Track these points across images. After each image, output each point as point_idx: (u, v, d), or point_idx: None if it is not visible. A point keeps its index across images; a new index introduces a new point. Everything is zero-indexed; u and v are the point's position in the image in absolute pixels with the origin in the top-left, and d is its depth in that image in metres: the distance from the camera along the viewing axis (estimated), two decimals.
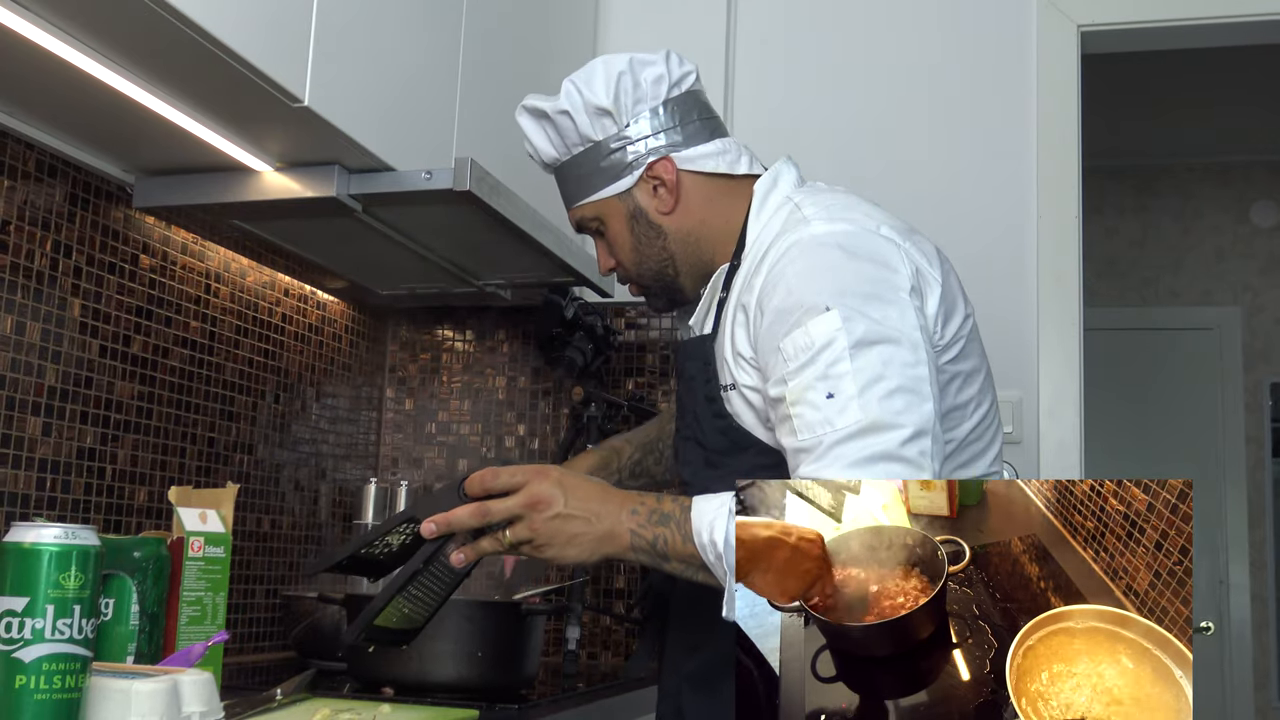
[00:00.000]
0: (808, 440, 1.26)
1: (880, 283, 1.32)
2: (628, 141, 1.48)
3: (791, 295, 1.32)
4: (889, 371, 1.25)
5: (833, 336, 1.26)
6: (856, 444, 1.23)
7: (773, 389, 1.32)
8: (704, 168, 1.50)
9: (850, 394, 1.24)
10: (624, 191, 1.50)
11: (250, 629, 2.26)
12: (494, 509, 1.29)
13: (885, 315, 1.29)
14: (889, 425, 1.23)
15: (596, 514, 1.30)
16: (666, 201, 1.49)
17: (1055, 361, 2.49)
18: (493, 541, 1.31)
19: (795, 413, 1.27)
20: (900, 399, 1.25)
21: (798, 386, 1.27)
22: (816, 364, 1.26)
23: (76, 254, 1.83)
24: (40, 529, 1.06)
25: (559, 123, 1.51)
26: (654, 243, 1.51)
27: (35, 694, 1.02)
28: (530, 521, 1.29)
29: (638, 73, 1.48)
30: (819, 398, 1.25)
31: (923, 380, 1.27)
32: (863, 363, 1.25)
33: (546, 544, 1.30)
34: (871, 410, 1.23)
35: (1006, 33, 2.63)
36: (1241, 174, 4.98)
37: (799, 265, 1.34)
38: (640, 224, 1.51)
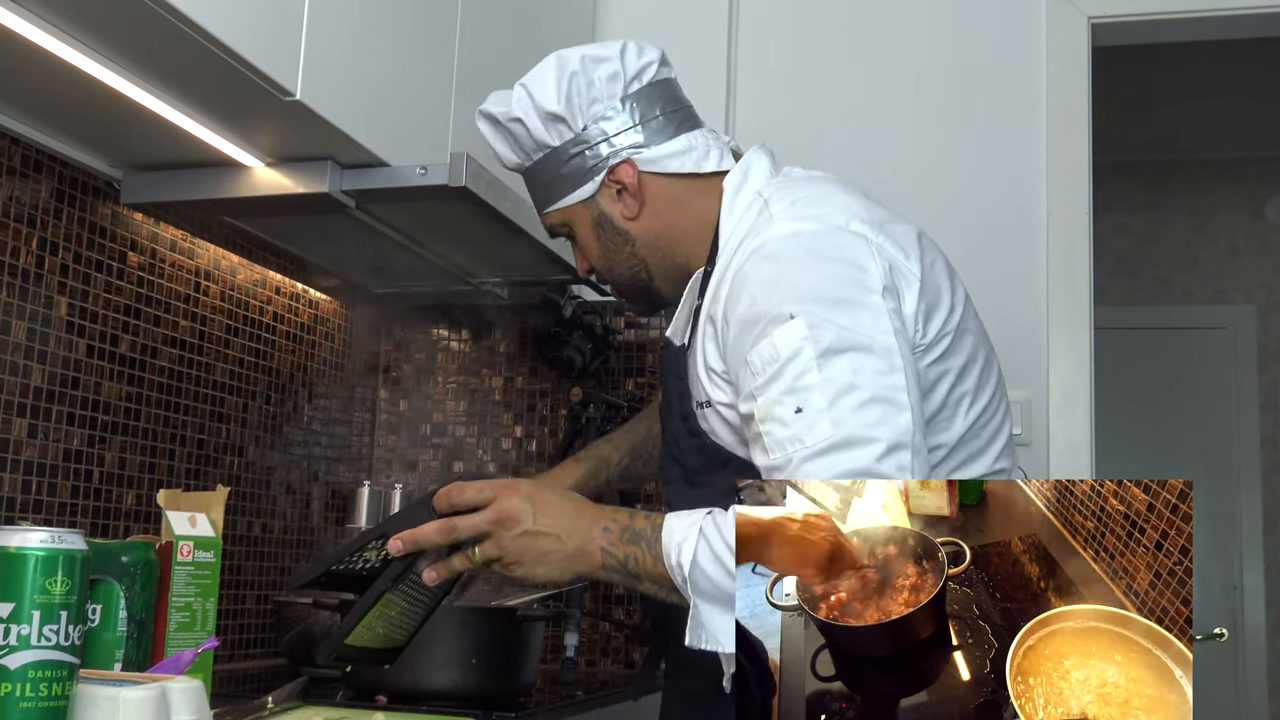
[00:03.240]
0: (778, 459, 1.21)
1: (849, 285, 1.26)
2: (586, 145, 1.43)
3: (755, 304, 1.27)
4: (860, 381, 1.20)
5: (799, 346, 1.21)
6: (827, 460, 1.18)
7: (743, 405, 1.28)
8: (669, 168, 1.44)
9: (820, 407, 1.19)
10: (587, 198, 1.46)
11: (241, 635, 2.27)
12: (460, 525, 1.28)
13: (855, 321, 1.23)
14: (862, 440, 1.18)
15: (567, 531, 1.27)
16: (631, 207, 1.44)
17: (1065, 361, 2.49)
18: (463, 559, 1.29)
19: (764, 430, 1.23)
20: (874, 410, 1.19)
21: (765, 402, 1.23)
22: (783, 377, 1.22)
23: (63, 251, 1.84)
24: (26, 533, 1.06)
25: (513, 129, 1.46)
26: (622, 249, 1.47)
27: (21, 702, 1.03)
28: (498, 539, 1.27)
29: (590, 71, 1.42)
30: (787, 413, 1.20)
31: (898, 389, 1.21)
32: (831, 373, 1.20)
33: (515, 562, 1.28)
34: (844, 425, 1.18)
35: (1015, 25, 2.63)
36: (1255, 170, 4.98)
37: (762, 270, 1.29)
38: (606, 230, 1.47)
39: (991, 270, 2.54)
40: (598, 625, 2.58)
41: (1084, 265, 2.51)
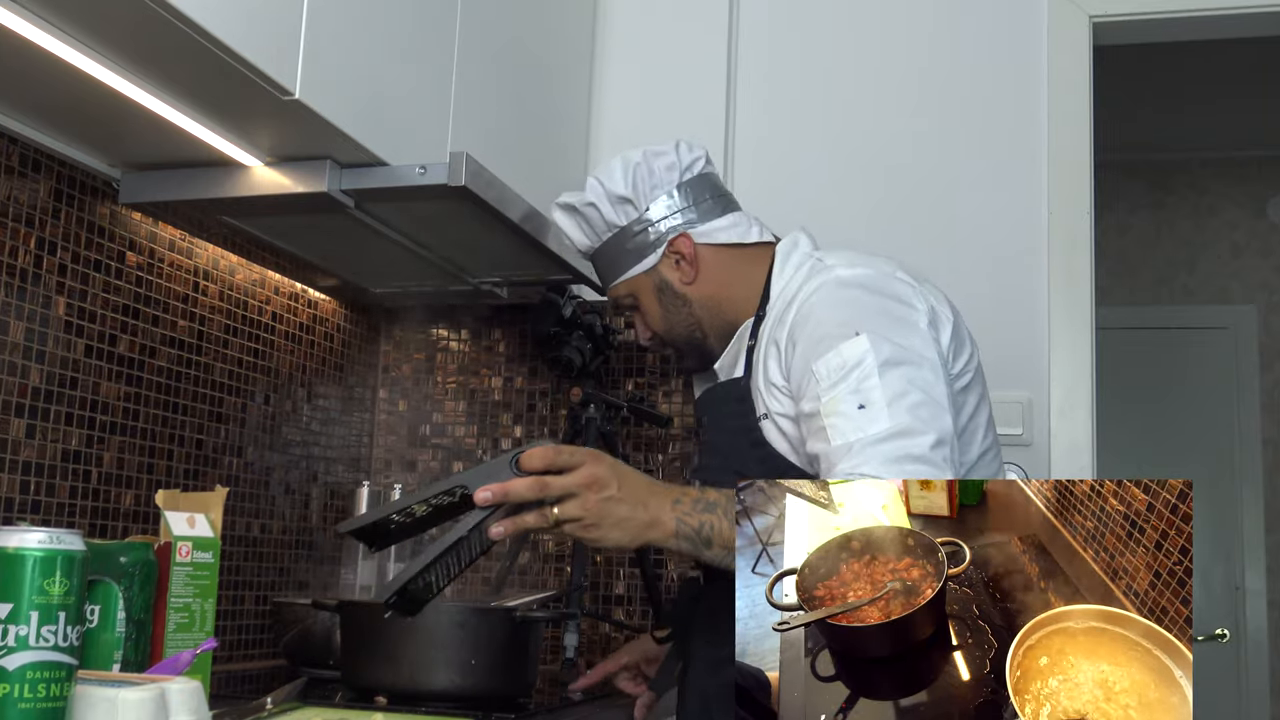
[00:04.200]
0: (841, 445, 1.40)
1: (901, 315, 1.51)
2: (649, 224, 1.69)
3: (822, 325, 1.50)
4: (913, 388, 1.42)
5: (862, 357, 1.43)
6: (887, 446, 1.37)
7: (806, 405, 1.47)
8: (719, 239, 1.70)
9: (880, 405, 1.40)
10: (650, 268, 1.70)
11: (240, 636, 2.27)
12: (553, 483, 1.35)
13: (909, 342, 1.46)
14: (916, 431, 1.38)
15: (644, 502, 1.37)
16: (688, 273, 1.69)
17: (1066, 361, 2.49)
18: (538, 517, 1.36)
19: (829, 423, 1.42)
20: (925, 410, 1.41)
21: (830, 400, 1.43)
22: (848, 380, 1.43)
23: (61, 251, 1.84)
24: (24, 533, 1.06)
25: (587, 214, 1.72)
26: (680, 310, 1.71)
27: (19, 703, 1.03)
28: (584, 500, 1.35)
29: (651, 162, 1.69)
30: (851, 409, 1.41)
31: (943, 397, 1.44)
32: (890, 379, 1.42)
33: (595, 524, 1.36)
34: (900, 418, 1.39)
35: (1017, 24, 2.63)
36: (1257, 169, 4.98)
37: (828, 301, 1.53)
38: (666, 295, 1.71)
39: (992, 270, 2.54)
40: (598, 626, 2.58)
41: (1085, 265, 2.51)
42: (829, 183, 2.62)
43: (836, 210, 2.60)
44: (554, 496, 1.36)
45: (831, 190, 2.62)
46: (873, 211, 2.60)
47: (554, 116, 2.55)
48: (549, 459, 1.36)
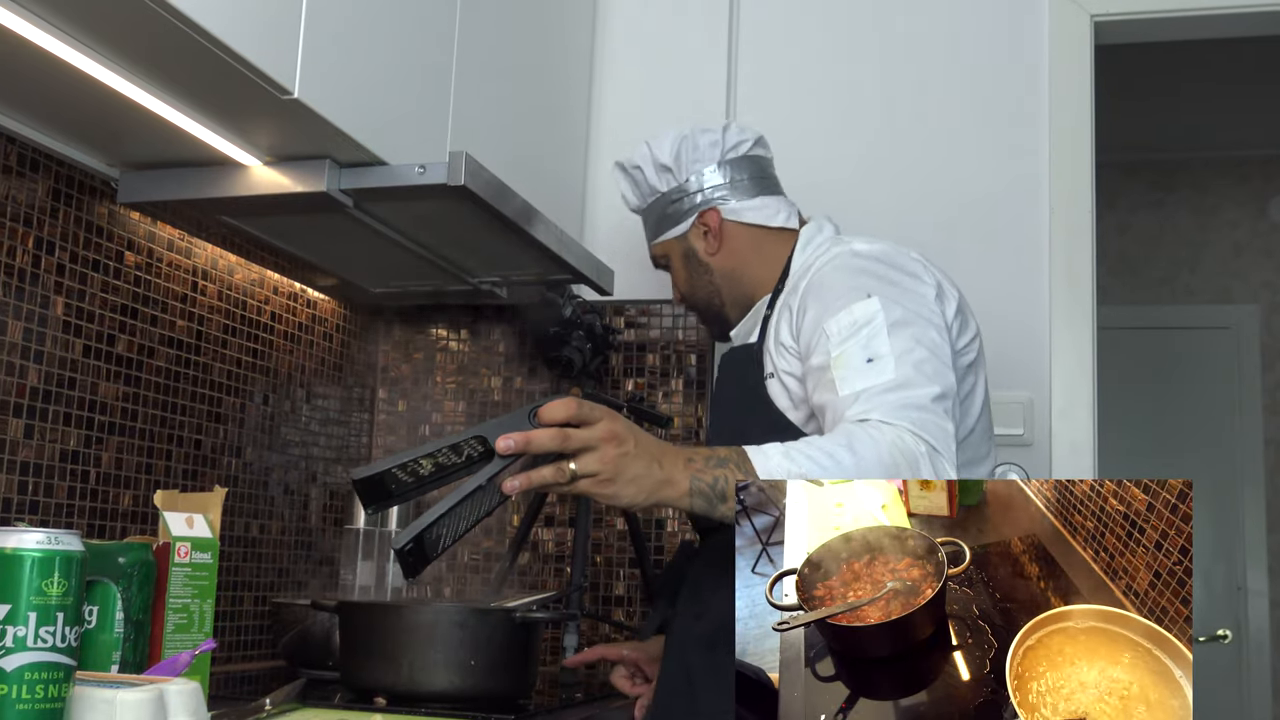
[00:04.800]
0: (849, 394, 1.50)
1: (911, 285, 1.64)
2: (685, 193, 1.86)
3: (835, 289, 1.62)
4: (919, 346, 1.53)
5: (873, 316, 1.55)
6: (893, 395, 1.46)
7: (816, 359, 1.58)
8: (746, 218, 1.85)
9: (888, 359, 1.50)
10: (681, 234, 1.88)
11: (238, 637, 2.27)
12: (574, 435, 1.34)
13: (918, 306, 1.59)
14: (919, 384, 1.48)
15: (659, 460, 1.38)
16: (712, 244, 1.86)
17: (1068, 361, 2.50)
18: (556, 471, 1.35)
19: (838, 375, 1.52)
20: (929, 365, 1.51)
21: (840, 355, 1.54)
22: (858, 336, 1.54)
23: (59, 251, 1.85)
24: (22, 534, 1.06)
25: (634, 176, 1.92)
26: (702, 277, 1.88)
27: (17, 704, 1.03)
28: (602, 454, 1.35)
29: (697, 138, 1.86)
30: (859, 361, 1.52)
31: (947, 357, 1.56)
32: (898, 338, 1.52)
33: (611, 479, 1.35)
34: (905, 371, 1.49)
35: (1018, 22, 2.64)
36: (1259, 168, 4.98)
37: (843, 268, 1.67)
38: (692, 261, 1.88)
39: (993, 269, 2.54)
40: (597, 627, 2.59)
41: (1086, 264, 2.52)
42: (829, 184, 2.62)
43: (836, 211, 2.60)
44: (573, 449, 1.35)
45: (831, 191, 2.62)
46: (873, 211, 2.60)
47: (554, 116, 2.55)
48: (570, 410, 1.35)
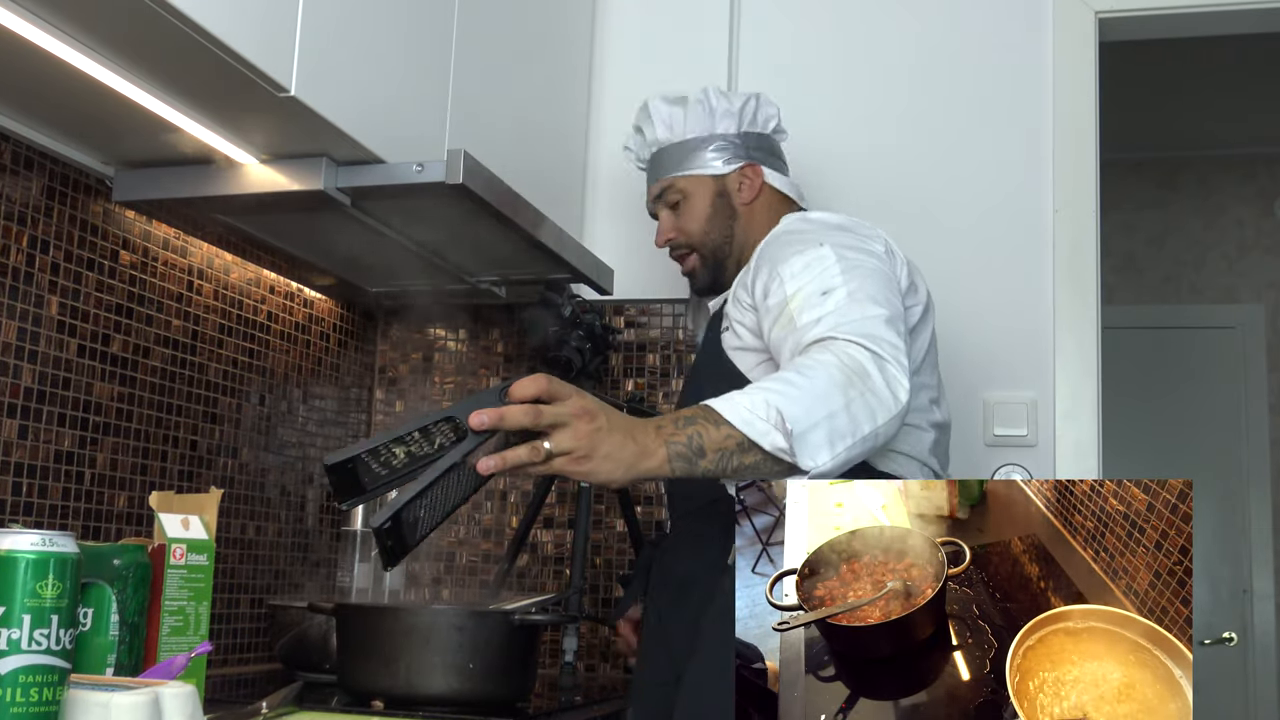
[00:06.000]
0: (809, 321, 1.57)
1: (863, 239, 1.75)
2: (736, 143, 2.00)
3: (789, 244, 1.74)
4: (870, 283, 1.62)
5: (825, 257, 1.66)
6: (848, 316, 1.55)
7: (772, 300, 1.67)
8: (776, 185, 2.01)
9: (840, 291, 1.59)
10: (720, 174, 1.98)
11: (235, 640, 2.27)
12: (546, 411, 1.32)
13: (869, 256, 1.70)
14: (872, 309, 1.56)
15: (631, 434, 1.36)
16: (749, 193, 1.98)
17: (1072, 362, 2.50)
18: (530, 450, 1.32)
19: (795, 307, 1.61)
20: (881, 295, 1.60)
21: (796, 292, 1.63)
22: (811, 272, 1.64)
23: (54, 250, 1.85)
24: (16, 535, 1.06)
25: (694, 109, 2.01)
26: (726, 221, 1.98)
27: (11, 707, 1.03)
28: (576, 430, 1.33)
29: (763, 106, 2.04)
30: (814, 296, 1.60)
31: (895, 292, 1.67)
32: (850, 277, 1.62)
33: (587, 455, 1.33)
34: (858, 299, 1.58)
35: (1021, 19, 2.64)
36: (1265, 167, 4.99)
37: (796, 226, 1.83)
38: (723, 202, 1.98)
39: (997, 268, 2.55)
40: (597, 629, 2.59)
41: (1091, 263, 2.52)
42: (830, 184, 2.62)
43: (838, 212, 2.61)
44: (546, 424, 1.33)
45: (833, 192, 2.62)
46: (876, 210, 2.60)
47: (553, 114, 2.56)
48: (541, 386, 1.33)
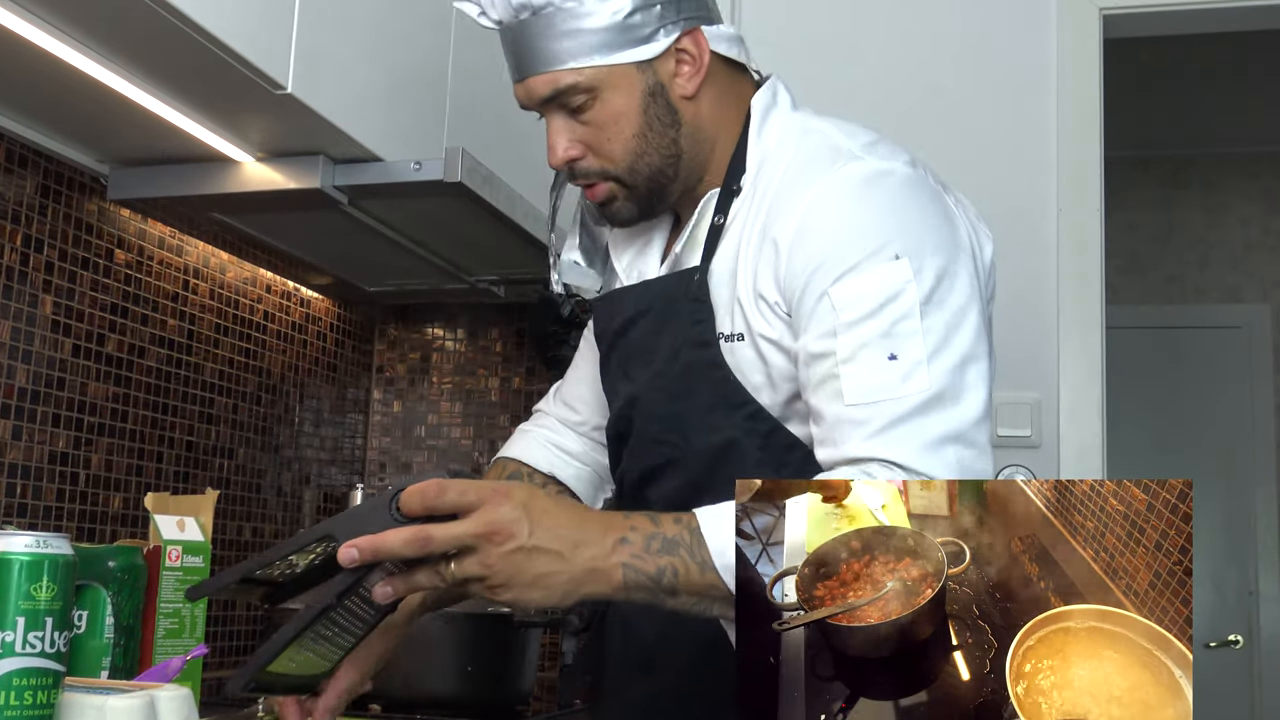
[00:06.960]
0: (861, 408, 1.14)
1: (948, 237, 1.22)
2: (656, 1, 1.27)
3: (845, 235, 1.19)
4: (960, 338, 1.16)
5: (901, 289, 1.15)
6: (925, 421, 1.12)
7: (813, 343, 1.18)
8: (722, 50, 1.32)
9: (918, 359, 1.13)
10: (645, 60, 1.28)
11: (230, 642, 2.28)
12: (437, 536, 1.03)
13: (955, 271, 1.19)
14: (960, 400, 1.14)
15: (572, 546, 1.07)
16: (692, 83, 1.30)
17: (1076, 362, 2.50)
18: (431, 575, 1.06)
19: (845, 372, 1.14)
20: (972, 370, 1.15)
21: (852, 342, 1.15)
22: (879, 318, 1.15)
23: (48, 248, 1.85)
24: (10, 537, 1.06)
25: None
26: (666, 131, 1.30)
27: (5, 711, 1.03)
28: (483, 555, 1.05)
29: None
30: (879, 358, 1.14)
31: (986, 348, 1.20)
32: (932, 323, 1.15)
33: (504, 585, 1.06)
34: (938, 380, 1.13)
35: (1026, 16, 2.64)
36: (1270, 165, 4.99)
37: (858, 203, 1.22)
38: (657, 104, 1.29)
39: (1001, 268, 2.51)
40: None
41: (1095, 263, 2.52)
42: None
43: None
44: (439, 553, 1.05)
45: None
46: None
47: None
48: (429, 501, 1.03)
